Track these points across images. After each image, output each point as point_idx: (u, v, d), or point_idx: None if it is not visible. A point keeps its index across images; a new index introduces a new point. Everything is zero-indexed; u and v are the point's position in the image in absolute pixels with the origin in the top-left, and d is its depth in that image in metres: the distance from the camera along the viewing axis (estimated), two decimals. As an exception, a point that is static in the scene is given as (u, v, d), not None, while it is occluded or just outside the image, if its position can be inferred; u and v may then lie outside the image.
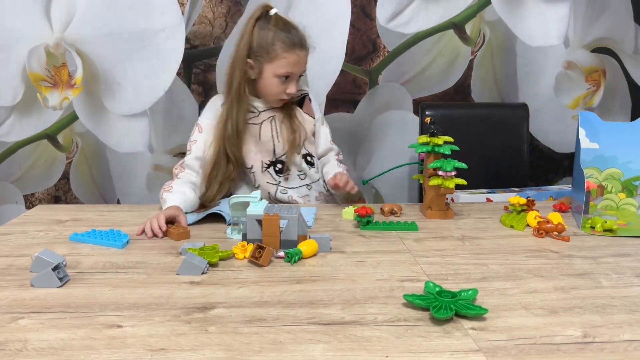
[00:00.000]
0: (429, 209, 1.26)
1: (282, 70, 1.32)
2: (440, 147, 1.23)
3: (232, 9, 1.97)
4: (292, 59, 1.32)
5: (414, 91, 2.09)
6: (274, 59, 1.32)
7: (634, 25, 2.10)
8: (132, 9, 1.89)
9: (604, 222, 1.12)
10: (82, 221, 1.22)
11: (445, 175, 1.21)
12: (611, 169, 1.31)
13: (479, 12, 2.04)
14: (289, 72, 1.33)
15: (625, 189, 1.33)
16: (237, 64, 1.35)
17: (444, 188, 1.22)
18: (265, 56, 1.32)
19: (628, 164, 1.32)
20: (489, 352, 0.65)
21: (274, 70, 1.33)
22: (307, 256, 0.98)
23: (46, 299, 0.80)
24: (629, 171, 1.32)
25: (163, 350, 0.65)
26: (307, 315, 0.75)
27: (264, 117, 1.42)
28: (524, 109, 1.86)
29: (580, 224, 1.13)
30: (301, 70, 1.37)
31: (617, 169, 1.32)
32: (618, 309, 0.77)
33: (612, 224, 1.12)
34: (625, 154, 1.32)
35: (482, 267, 0.94)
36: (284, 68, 1.32)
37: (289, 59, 1.32)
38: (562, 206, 1.30)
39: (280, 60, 1.32)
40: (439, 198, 1.26)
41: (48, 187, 2.06)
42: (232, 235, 1.10)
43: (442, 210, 1.27)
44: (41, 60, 1.91)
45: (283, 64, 1.32)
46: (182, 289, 0.84)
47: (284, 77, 1.34)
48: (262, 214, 0.99)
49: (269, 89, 1.37)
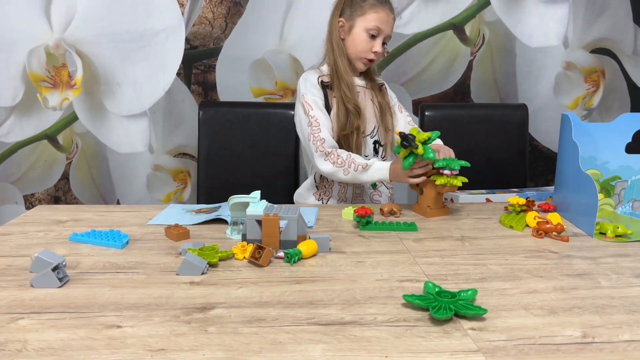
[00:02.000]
0: (429, 208, 1.27)
1: (372, 23, 1.39)
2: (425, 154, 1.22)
3: (232, 10, 1.97)
4: (382, 15, 1.40)
5: (413, 92, 2.09)
6: (366, 12, 1.39)
7: (633, 26, 2.10)
8: (132, 10, 1.89)
9: (615, 228, 1.11)
10: (82, 221, 1.22)
11: (450, 174, 1.22)
12: (590, 170, 1.32)
13: (478, 12, 2.04)
14: (378, 27, 1.39)
15: (603, 189, 1.33)
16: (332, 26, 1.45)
17: (449, 186, 1.22)
18: (358, 10, 1.40)
19: (605, 164, 1.33)
20: (489, 352, 0.65)
21: (365, 24, 1.40)
22: (307, 256, 0.98)
23: (46, 299, 0.80)
24: (607, 172, 1.33)
25: (163, 350, 0.65)
26: (307, 316, 0.75)
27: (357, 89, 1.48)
28: (524, 109, 1.86)
29: (593, 230, 1.12)
30: (388, 31, 1.42)
31: (596, 170, 1.33)
32: (617, 309, 0.77)
33: (625, 230, 1.10)
34: (602, 155, 1.33)
35: (482, 268, 0.94)
36: (375, 22, 1.39)
37: (380, 14, 1.39)
38: (547, 206, 1.30)
39: (371, 14, 1.39)
40: (438, 197, 1.27)
41: (48, 188, 2.06)
42: (231, 236, 1.10)
43: (440, 208, 1.28)
44: (41, 61, 1.91)
45: (374, 17, 1.39)
46: (182, 289, 0.84)
47: (374, 33, 1.40)
48: (261, 214, 0.99)
49: (357, 44, 1.42)
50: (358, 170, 1.35)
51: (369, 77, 1.52)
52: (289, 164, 1.77)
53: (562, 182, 1.29)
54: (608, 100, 2.15)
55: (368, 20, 1.39)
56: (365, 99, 1.49)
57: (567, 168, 1.24)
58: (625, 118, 1.32)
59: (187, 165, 2.05)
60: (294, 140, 1.76)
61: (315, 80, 1.45)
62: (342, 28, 1.43)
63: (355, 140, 1.43)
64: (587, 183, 1.13)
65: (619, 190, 1.33)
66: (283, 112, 1.78)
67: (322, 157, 1.39)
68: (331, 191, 1.50)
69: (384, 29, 1.40)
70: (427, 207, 1.27)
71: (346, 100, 1.42)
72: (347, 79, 1.43)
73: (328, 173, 1.39)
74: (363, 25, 1.40)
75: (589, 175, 1.13)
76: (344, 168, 1.36)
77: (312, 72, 1.48)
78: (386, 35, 1.42)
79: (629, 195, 1.33)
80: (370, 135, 1.49)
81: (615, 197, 1.34)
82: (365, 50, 1.42)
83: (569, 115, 1.24)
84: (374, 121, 1.49)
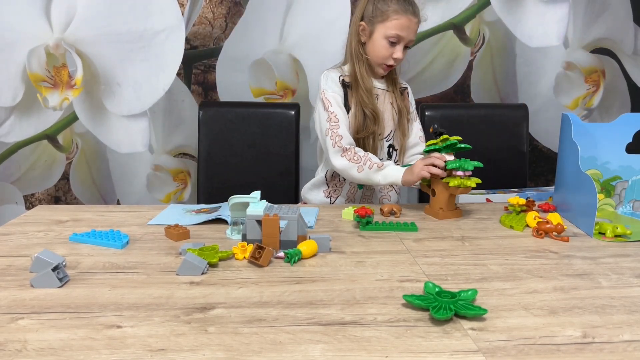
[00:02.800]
0: (441, 210, 1.26)
1: (392, 31, 1.36)
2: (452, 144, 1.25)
3: (232, 10, 1.97)
4: (403, 21, 1.36)
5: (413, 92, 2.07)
6: (387, 19, 1.36)
7: (634, 26, 2.10)
8: (132, 10, 1.89)
9: (614, 228, 1.10)
10: (82, 221, 1.22)
11: (463, 175, 1.22)
12: (591, 170, 1.32)
13: (478, 12, 2.04)
14: (398, 34, 1.37)
15: (604, 189, 1.33)
16: (353, 28, 1.44)
17: (463, 187, 1.22)
18: (379, 16, 1.37)
19: (606, 164, 1.33)
20: (489, 352, 0.65)
21: (385, 31, 1.37)
22: (307, 256, 0.98)
23: (46, 299, 0.80)
24: (607, 172, 1.33)
25: (163, 350, 0.65)
26: (307, 316, 0.75)
27: (377, 92, 1.47)
28: (524, 109, 1.86)
29: (592, 230, 1.12)
30: (410, 37, 1.40)
31: (597, 170, 1.33)
32: (617, 310, 0.77)
33: (624, 230, 1.10)
34: (603, 155, 1.32)
35: (482, 268, 0.94)
36: (395, 29, 1.36)
37: (401, 21, 1.36)
38: (547, 206, 1.30)
39: (392, 21, 1.36)
40: (450, 199, 1.27)
41: (48, 188, 2.06)
42: (231, 236, 1.10)
43: (453, 210, 1.28)
44: (41, 61, 1.91)
45: (395, 24, 1.36)
46: (182, 289, 0.84)
47: (393, 40, 1.37)
48: (262, 215, 0.99)
49: (377, 51, 1.40)
50: (373, 169, 1.34)
51: (390, 80, 1.50)
52: (289, 164, 1.77)
53: (562, 182, 1.29)
54: (608, 100, 2.15)
55: (388, 27, 1.37)
56: (384, 102, 1.48)
57: (567, 168, 1.24)
58: (625, 118, 1.32)
59: (187, 165, 2.05)
60: (294, 140, 1.76)
61: (336, 78, 1.45)
62: (363, 31, 1.42)
63: (372, 144, 1.43)
64: (587, 183, 1.13)
65: (619, 190, 1.33)
66: (283, 112, 1.78)
67: (339, 152, 1.38)
68: (341, 190, 1.49)
69: (405, 35, 1.38)
70: (439, 209, 1.26)
71: (364, 105, 1.41)
72: (366, 84, 1.42)
73: (342, 169, 1.38)
74: (383, 32, 1.38)
75: (588, 176, 1.13)
76: (359, 165, 1.35)
77: (334, 70, 1.47)
78: (408, 40, 1.40)
79: (629, 196, 1.33)
80: (387, 139, 1.48)
81: (615, 197, 1.34)
82: (385, 56, 1.40)
83: (569, 115, 1.24)
84: (391, 125, 1.48)
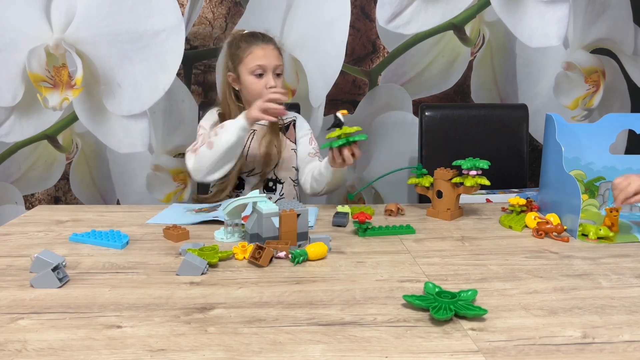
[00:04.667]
0: (449, 211, 1.26)
1: (252, 64, 1.39)
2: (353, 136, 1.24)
3: (232, 10, 1.97)
4: (257, 52, 1.40)
5: (413, 92, 2.09)
6: (243, 58, 1.41)
7: (634, 26, 2.10)
8: (132, 10, 1.89)
9: (597, 230, 1.10)
10: (82, 222, 1.22)
11: (475, 174, 1.22)
12: (575, 170, 1.32)
13: (478, 13, 2.04)
14: (258, 65, 1.39)
15: (587, 190, 1.33)
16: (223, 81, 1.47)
17: (475, 185, 1.22)
18: (237, 60, 1.42)
19: (590, 165, 1.33)
20: (489, 352, 0.65)
21: (247, 68, 1.40)
22: (314, 259, 0.97)
23: (46, 299, 0.80)
24: (591, 172, 1.33)
25: (163, 350, 0.65)
26: (307, 316, 0.75)
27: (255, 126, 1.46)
28: (524, 109, 1.86)
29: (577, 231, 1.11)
30: (273, 63, 1.41)
31: (580, 171, 1.32)
32: (617, 310, 0.77)
33: (607, 232, 1.10)
34: (587, 156, 1.32)
35: (482, 268, 0.94)
36: (253, 62, 1.39)
37: (254, 54, 1.40)
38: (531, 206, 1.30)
39: (247, 57, 1.40)
40: (457, 199, 1.27)
41: (48, 188, 2.06)
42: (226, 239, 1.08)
43: (457, 210, 1.28)
44: (41, 61, 1.91)
45: (250, 59, 1.40)
46: (182, 290, 0.84)
47: (258, 72, 1.39)
48: (279, 211, 1.01)
49: (250, 90, 1.41)
50: (218, 134, 1.31)
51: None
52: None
53: (547, 182, 1.28)
54: (608, 101, 2.15)
55: (247, 64, 1.40)
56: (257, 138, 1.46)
57: (551, 169, 1.23)
58: (609, 118, 1.32)
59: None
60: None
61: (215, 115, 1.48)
62: (234, 81, 1.44)
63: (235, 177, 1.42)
64: (571, 184, 1.12)
65: (603, 190, 1.33)
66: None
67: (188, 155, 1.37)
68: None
69: (266, 63, 1.39)
70: (447, 210, 1.26)
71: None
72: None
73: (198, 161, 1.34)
74: (246, 70, 1.40)
75: (572, 176, 1.13)
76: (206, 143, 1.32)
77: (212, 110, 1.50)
78: (274, 66, 1.41)
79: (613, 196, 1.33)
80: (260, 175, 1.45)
81: (599, 198, 1.33)
82: (259, 90, 1.39)
83: (552, 116, 1.24)
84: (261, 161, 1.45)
